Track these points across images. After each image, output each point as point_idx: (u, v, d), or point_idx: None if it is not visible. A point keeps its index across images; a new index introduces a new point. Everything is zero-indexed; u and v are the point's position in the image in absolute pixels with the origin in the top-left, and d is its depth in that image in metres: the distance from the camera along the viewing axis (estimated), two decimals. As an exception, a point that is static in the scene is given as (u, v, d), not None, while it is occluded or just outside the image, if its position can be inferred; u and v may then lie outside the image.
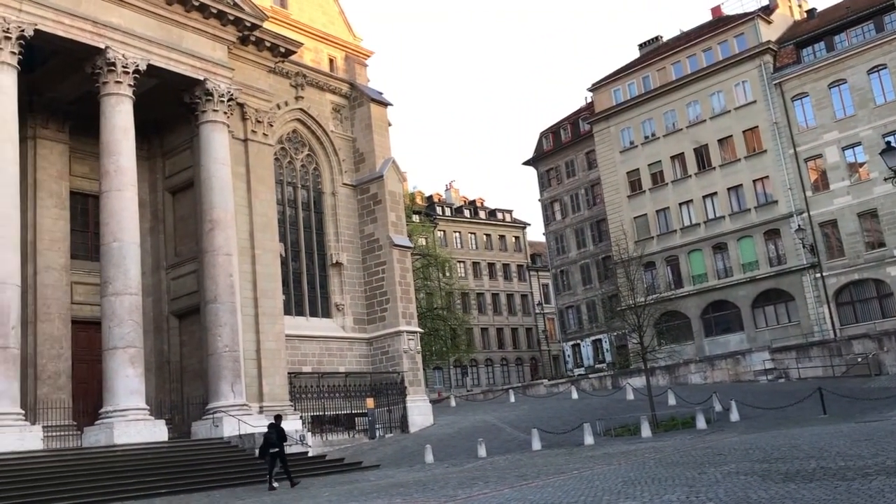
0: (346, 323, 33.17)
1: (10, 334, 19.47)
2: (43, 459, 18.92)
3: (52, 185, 25.09)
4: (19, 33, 20.79)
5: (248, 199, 27.49)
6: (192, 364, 26.35)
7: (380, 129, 35.52)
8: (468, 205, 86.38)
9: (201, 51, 25.45)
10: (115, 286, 21.98)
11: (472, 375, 77.22)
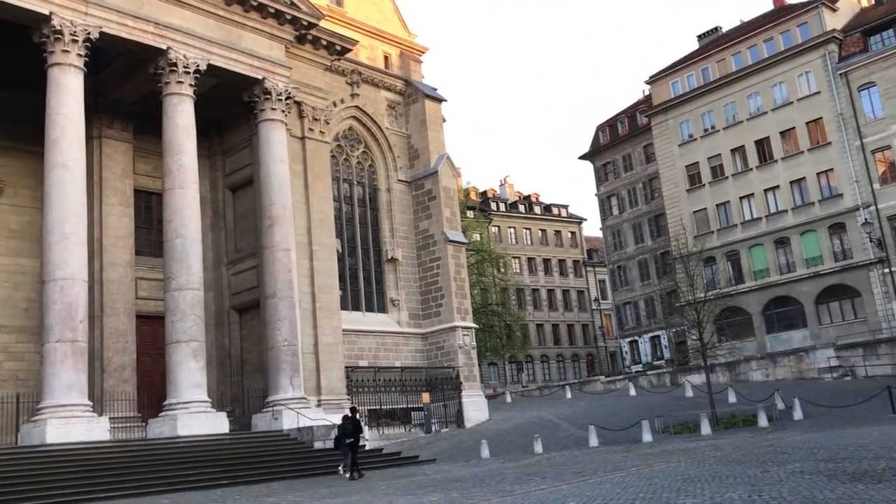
0: (401, 318, 33.38)
1: (78, 328, 20.09)
2: (109, 450, 19.46)
3: (116, 184, 25.79)
4: (85, 36, 21.40)
5: (305, 196, 27.87)
6: (253, 358, 26.85)
7: (434, 125, 35.60)
8: (523, 200, 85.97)
9: (259, 50, 25.85)
10: (178, 281, 22.50)
11: (528, 372, 76.92)
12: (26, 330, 23.61)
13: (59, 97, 21.01)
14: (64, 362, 19.59)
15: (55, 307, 19.90)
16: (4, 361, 23.33)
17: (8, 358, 23.39)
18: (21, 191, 24.66)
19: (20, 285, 24.08)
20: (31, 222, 24.03)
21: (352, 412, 20.51)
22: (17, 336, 23.68)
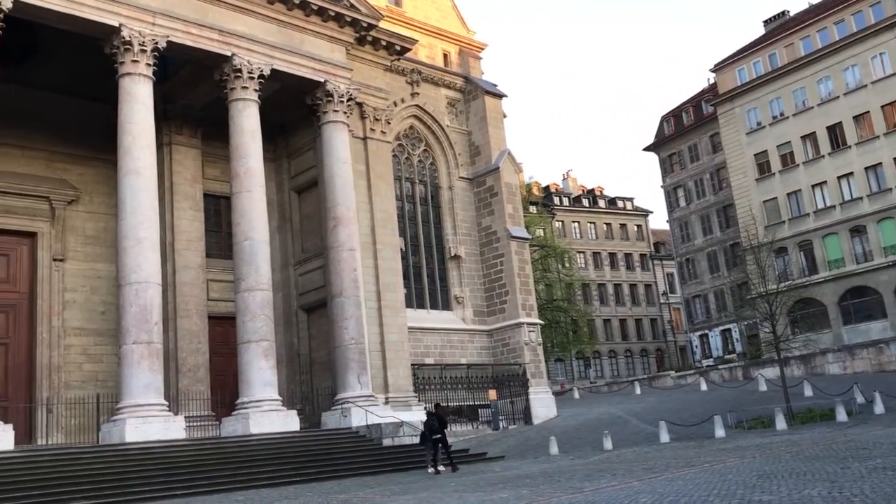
0: (466, 315, 33.42)
1: (153, 330, 20.68)
2: (185, 448, 19.99)
3: (187, 189, 26.47)
4: (153, 45, 22.00)
5: (368, 196, 28.14)
6: (321, 356, 27.24)
7: (494, 121, 35.54)
8: (587, 194, 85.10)
9: (321, 53, 26.18)
10: (247, 282, 22.97)
11: (596, 367, 76.15)
12: (104, 332, 24.44)
13: (129, 106, 21.66)
14: (140, 363, 20.20)
15: (131, 310, 20.53)
16: (84, 363, 24.20)
17: (87, 360, 24.27)
18: (96, 198, 25.53)
19: (97, 289, 24.95)
20: (107, 228, 24.85)
21: (436, 408, 21.23)
22: (95, 339, 24.54)
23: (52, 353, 23.65)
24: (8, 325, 23.13)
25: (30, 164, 24.28)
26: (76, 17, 20.90)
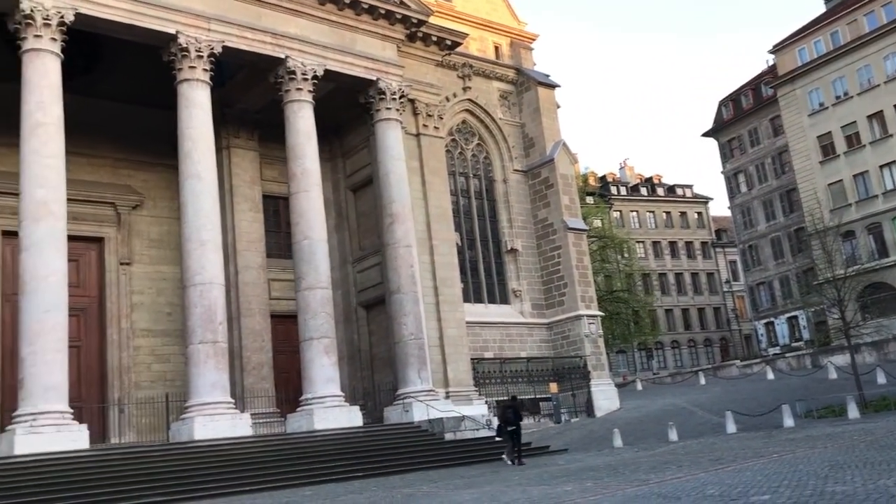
0: (524, 308, 33.29)
1: (218, 330, 21.13)
2: (252, 444, 20.38)
3: (246, 190, 26.96)
4: (209, 51, 22.44)
5: (423, 192, 28.24)
6: (381, 352, 27.48)
7: (548, 112, 35.25)
8: (644, 182, 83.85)
9: (372, 52, 26.35)
10: (307, 281, 23.29)
11: (658, 358, 75.07)
12: (170, 333, 25.08)
13: (188, 111, 22.14)
14: (207, 362, 20.67)
15: (196, 311, 21.01)
16: (153, 364, 24.90)
17: (156, 360, 24.95)
18: (160, 202, 26.20)
19: (163, 291, 25.61)
20: (170, 231, 25.48)
21: (512, 400, 21.58)
22: (162, 339, 25.21)
23: (121, 355, 24.39)
24: (79, 327, 23.89)
25: (96, 171, 25.04)
26: (135, 26, 21.45)
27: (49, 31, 19.84)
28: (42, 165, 19.34)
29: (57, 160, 19.60)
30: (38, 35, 19.76)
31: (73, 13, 20.17)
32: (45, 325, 18.48)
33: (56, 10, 19.87)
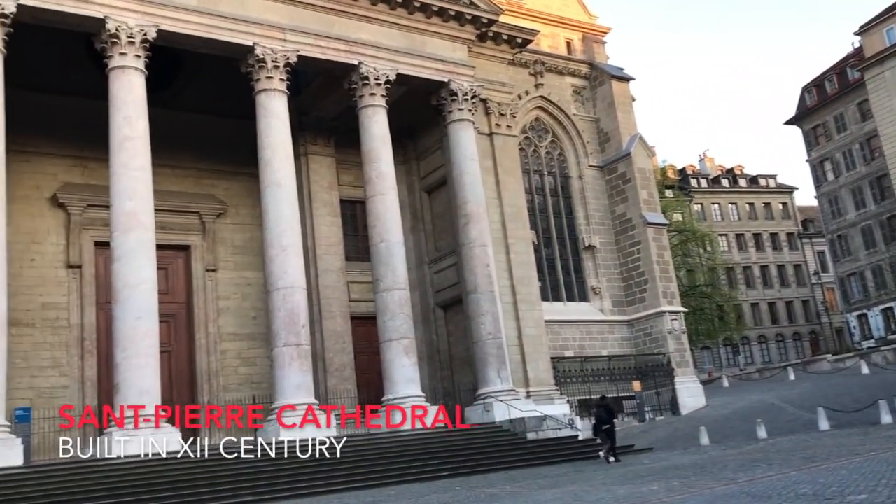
0: (604, 306, 32.89)
1: (301, 333, 21.59)
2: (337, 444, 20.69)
3: (324, 195, 27.48)
4: (285, 61, 22.95)
5: (497, 191, 28.22)
6: (460, 352, 27.57)
7: (623, 105, 34.74)
8: (726, 173, 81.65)
9: (443, 53, 26.47)
10: (385, 283, 23.56)
11: (745, 354, 72.98)
12: (256, 337, 25.76)
13: (267, 121, 22.70)
14: (291, 365, 21.14)
15: (280, 314, 21.52)
16: (239, 367, 25.63)
17: (242, 363, 25.68)
18: (242, 210, 26.94)
19: (247, 296, 26.33)
20: (253, 238, 26.17)
21: (601, 399, 21.77)
22: (248, 343, 25.92)
23: (209, 358, 25.19)
24: (170, 333, 24.76)
25: (181, 182, 25.92)
26: (214, 40, 22.12)
27: (133, 49, 20.63)
28: (130, 178, 20.13)
29: (144, 172, 20.37)
30: (123, 53, 20.57)
31: (155, 30, 20.93)
32: (138, 332, 19.22)
33: (139, 28, 20.66)
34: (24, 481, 16.54)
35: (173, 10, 21.43)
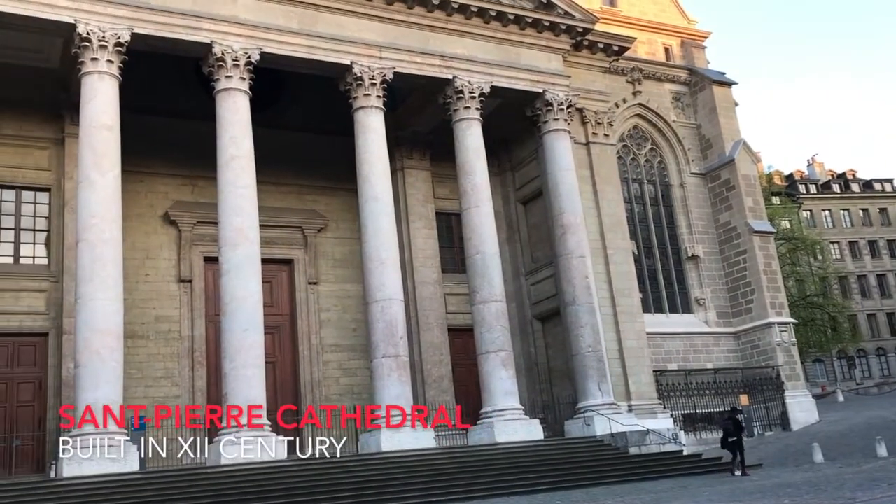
0: (708, 317, 31.94)
1: (399, 344, 21.86)
2: (436, 456, 20.82)
3: (419, 209, 27.81)
4: (382, 78, 23.39)
5: (595, 201, 27.85)
6: (559, 365, 27.27)
7: (725, 111, 33.79)
8: (836, 179, 78.11)
9: (538, 64, 26.39)
10: (481, 295, 23.59)
11: (861, 367, 69.30)
12: (356, 348, 26.24)
13: (364, 137, 23.17)
14: (390, 376, 21.42)
15: (378, 326, 21.85)
16: (341, 377, 26.15)
17: (343, 374, 26.20)
18: (342, 224, 27.56)
19: (348, 308, 26.86)
20: (352, 251, 26.71)
21: (732, 412, 21.51)
22: (348, 354, 26.44)
23: (312, 369, 25.81)
24: (274, 345, 25.50)
25: (284, 198, 26.74)
26: (313, 60, 22.79)
27: (238, 71, 21.48)
28: (237, 195, 20.92)
29: (250, 190, 21.13)
30: (228, 76, 21.44)
31: (259, 52, 21.73)
32: (245, 343, 19.89)
33: (243, 52, 21.50)
34: (141, 487, 17.33)
35: (275, 32, 22.21)
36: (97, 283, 18.81)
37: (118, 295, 19.18)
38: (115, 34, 20.07)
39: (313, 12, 22.97)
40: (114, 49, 20.05)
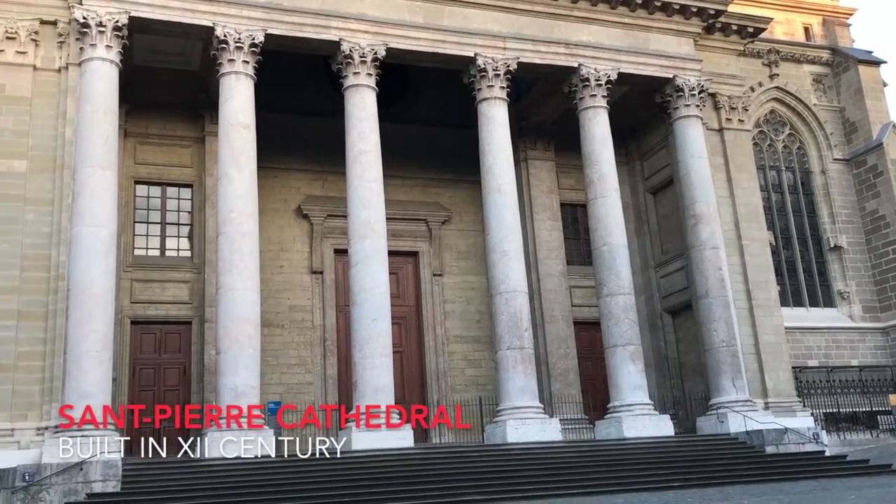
0: (853, 312, 30.09)
1: (524, 336, 21.75)
2: (562, 449, 20.57)
3: (544, 200, 27.53)
4: (505, 69, 23.25)
5: (728, 190, 26.69)
6: (690, 360, 26.38)
7: (872, 92, 31.73)
8: None
9: (667, 49, 25.55)
10: (608, 287, 23.12)
11: None
12: (480, 339, 26.32)
13: (488, 128, 23.14)
14: (515, 368, 21.35)
15: (503, 318, 21.82)
16: (466, 368, 26.32)
17: (468, 365, 26.34)
18: (465, 216, 27.69)
19: (472, 300, 26.97)
20: (475, 243, 26.79)
21: None
22: (473, 345, 26.55)
23: (437, 360, 26.10)
24: (401, 335, 25.95)
25: (409, 191, 27.12)
26: (438, 53, 22.98)
27: (365, 68, 21.94)
28: (365, 189, 21.41)
29: (377, 184, 21.58)
30: (356, 72, 21.94)
31: (385, 48, 22.11)
32: (373, 333, 20.35)
33: (370, 48, 21.93)
34: (276, 470, 18.06)
35: (401, 27, 22.55)
36: (236, 275, 19.72)
37: (255, 285, 20.04)
38: (250, 35, 20.93)
39: (438, 6, 23.12)
40: (249, 50, 20.92)
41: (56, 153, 19.86)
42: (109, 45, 19.89)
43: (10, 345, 18.50)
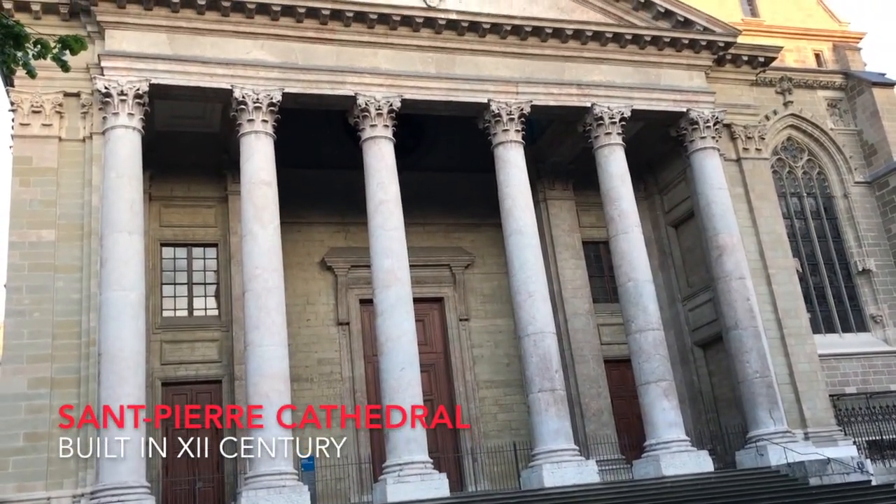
0: (888, 335, 29.60)
1: (555, 378, 21.54)
2: (602, 491, 20.23)
3: (566, 239, 27.50)
4: (520, 112, 23.45)
5: (751, 219, 26.54)
6: (724, 392, 25.95)
7: (888, 113, 31.73)
8: None
9: (679, 83, 25.70)
10: (636, 324, 22.92)
11: None
12: (511, 383, 26.08)
13: (506, 171, 23.28)
14: (548, 410, 21.10)
15: (532, 360, 21.65)
16: (498, 413, 26.03)
17: (500, 410, 26.06)
18: (488, 259, 27.70)
19: (500, 343, 26.82)
20: (500, 286, 26.74)
21: None
22: (504, 389, 26.29)
23: (469, 406, 25.84)
24: (430, 382, 25.68)
25: (431, 237, 27.24)
26: (453, 102, 23.29)
27: (381, 119, 22.25)
28: (387, 238, 21.53)
29: (398, 232, 21.70)
30: (373, 124, 22.25)
31: (400, 100, 22.43)
32: (402, 381, 20.25)
33: (386, 101, 22.26)
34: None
35: (414, 78, 22.92)
36: (263, 331, 19.79)
37: (283, 340, 20.07)
38: (268, 94, 21.34)
39: (450, 56, 23.51)
40: (267, 109, 21.31)
41: (83, 220, 20.23)
42: (131, 112, 20.36)
43: (45, 412, 18.62)
